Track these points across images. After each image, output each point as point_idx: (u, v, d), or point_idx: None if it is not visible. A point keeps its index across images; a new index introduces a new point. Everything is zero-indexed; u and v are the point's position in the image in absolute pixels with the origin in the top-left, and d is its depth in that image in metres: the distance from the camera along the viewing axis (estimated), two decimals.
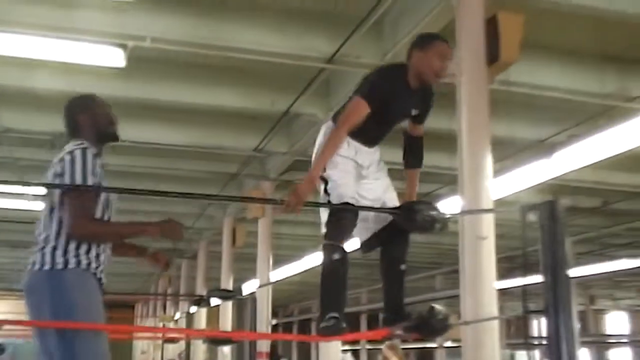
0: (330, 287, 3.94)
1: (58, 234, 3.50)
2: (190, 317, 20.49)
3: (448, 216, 3.88)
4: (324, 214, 4.03)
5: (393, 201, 4.15)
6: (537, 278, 3.19)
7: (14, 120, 10.47)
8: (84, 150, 3.57)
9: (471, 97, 6.19)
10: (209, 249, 19.00)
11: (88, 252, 3.53)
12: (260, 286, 12.99)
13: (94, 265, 3.55)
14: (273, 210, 13.08)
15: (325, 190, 3.99)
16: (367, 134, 4.11)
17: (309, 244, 15.57)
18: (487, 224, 5.81)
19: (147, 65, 8.80)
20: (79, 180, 3.49)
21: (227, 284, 15.28)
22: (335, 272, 3.92)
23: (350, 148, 4.06)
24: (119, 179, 11.25)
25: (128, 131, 10.04)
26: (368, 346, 27.13)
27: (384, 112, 4.06)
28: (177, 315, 24.03)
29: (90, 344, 3.43)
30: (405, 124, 4.41)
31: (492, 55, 6.14)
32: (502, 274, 6.02)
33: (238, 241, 15.19)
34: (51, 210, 3.55)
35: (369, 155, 4.15)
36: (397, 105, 4.13)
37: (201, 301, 13.12)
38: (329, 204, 3.98)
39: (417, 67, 4.10)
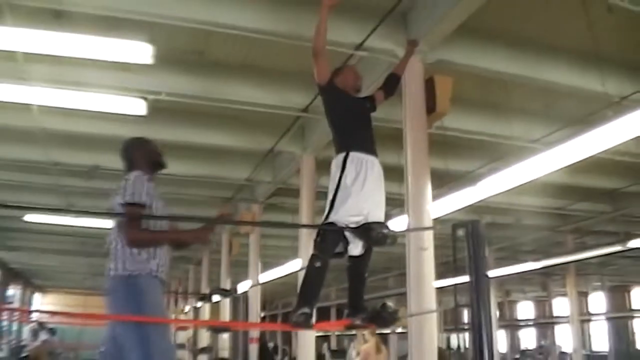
0: (307, 288, 3.85)
1: None
2: (196, 310, 20.21)
3: (397, 233, 3.86)
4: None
5: None
6: (465, 278, 3.16)
7: (60, 156, 10.36)
8: (136, 175, 3.50)
9: (414, 139, 6.18)
10: (211, 257, 18.76)
11: (154, 257, 3.44)
12: (252, 286, 12.83)
13: (160, 269, 3.44)
14: None
15: (328, 214, 3.87)
16: (358, 138, 4.06)
17: (289, 253, 15.44)
18: (428, 238, 5.79)
19: (163, 113, 8.71)
20: (129, 196, 3.40)
21: (226, 284, 15.08)
22: (314, 277, 3.83)
23: (352, 165, 3.92)
24: None
25: None
26: (337, 333, 26.84)
27: (351, 114, 4.14)
28: (187, 309, 23.68)
29: (158, 337, 3.31)
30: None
31: (430, 107, 6.14)
32: (439, 276, 5.97)
33: (234, 251, 15.01)
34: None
35: (373, 174, 3.97)
36: (353, 107, 4.20)
37: (205, 298, 12.97)
38: (322, 224, 3.88)
39: (344, 85, 4.27)
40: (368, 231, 3.76)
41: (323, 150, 9.47)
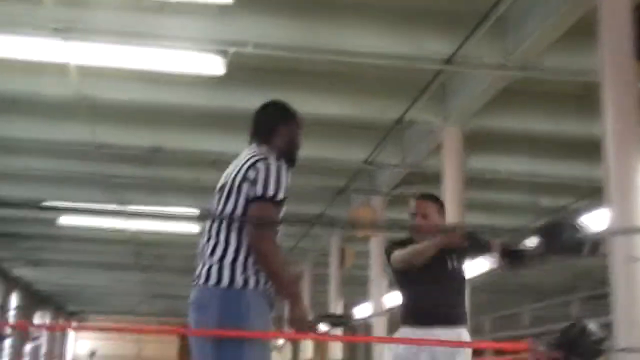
0: None
1: (238, 246, 3.46)
2: (295, 345, 20.56)
3: (597, 236, 3.73)
4: None
5: None
6: None
7: (107, 134, 10.69)
8: (279, 165, 3.54)
9: (618, 97, 6.00)
10: (314, 271, 18.97)
11: None
12: (374, 312, 12.89)
13: (269, 283, 3.50)
14: None
15: None
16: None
17: None
18: None
19: (248, 72, 8.86)
20: (271, 191, 3.46)
21: (336, 308, 15.24)
22: None
23: None
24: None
25: (227, 144, 10.27)
26: None
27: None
28: (280, 343, 24.00)
29: None
30: None
31: None
32: None
33: (346, 262, 15.12)
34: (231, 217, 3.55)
35: None
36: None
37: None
38: None
39: None
40: (553, 235, 3.64)
41: (473, 119, 9.42)
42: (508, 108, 9.41)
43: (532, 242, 3.80)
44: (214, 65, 8.02)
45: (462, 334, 4.51)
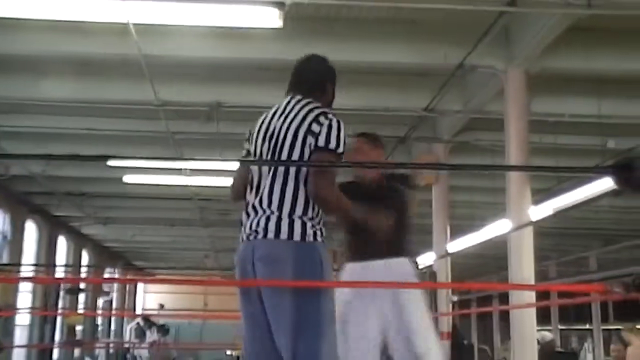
0: None
1: (307, 198, 3.49)
2: None
3: None
4: None
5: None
6: None
7: (169, 93, 10.73)
8: (339, 120, 3.66)
9: None
10: None
11: (322, 218, 3.58)
12: (439, 258, 12.86)
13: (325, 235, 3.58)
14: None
15: None
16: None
17: (487, 212, 15.27)
18: None
19: (306, 24, 8.78)
20: (334, 143, 3.54)
21: None
22: None
23: None
24: None
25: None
26: (561, 326, 26.08)
27: None
28: None
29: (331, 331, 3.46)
30: None
31: None
32: None
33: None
34: (298, 170, 3.57)
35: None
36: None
37: None
38: None
39: None
40: (628, 171, 3.53)
41: (537, 61, 9.22)
42: (572, 48, 9.16)
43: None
44: (271, 18, 7.92)
45: (404, 263, 4.99)
